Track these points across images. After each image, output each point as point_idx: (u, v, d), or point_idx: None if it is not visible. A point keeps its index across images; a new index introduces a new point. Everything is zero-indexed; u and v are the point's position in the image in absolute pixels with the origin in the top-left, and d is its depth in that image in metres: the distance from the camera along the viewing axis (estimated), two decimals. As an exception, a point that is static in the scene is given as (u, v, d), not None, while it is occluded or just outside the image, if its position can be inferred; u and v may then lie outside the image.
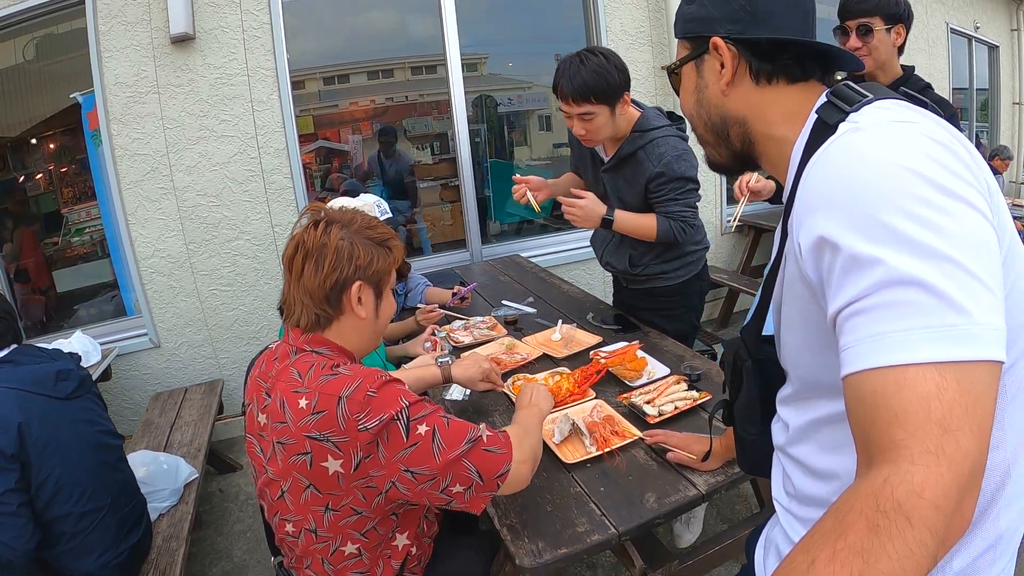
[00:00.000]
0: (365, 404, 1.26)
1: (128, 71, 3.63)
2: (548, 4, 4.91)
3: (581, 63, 2.23)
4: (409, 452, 1.28)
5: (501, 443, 1.40)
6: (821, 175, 0.77)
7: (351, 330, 1.47)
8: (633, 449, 1.82)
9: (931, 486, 0.58)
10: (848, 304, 0.69)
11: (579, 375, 2.12)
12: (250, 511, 3.35)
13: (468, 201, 4.61)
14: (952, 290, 0.63)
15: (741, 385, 1.12)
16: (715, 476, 1.68)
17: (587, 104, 2.25)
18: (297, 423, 1.28)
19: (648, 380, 2.15)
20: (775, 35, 0.92)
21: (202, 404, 3.60)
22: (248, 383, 1.55)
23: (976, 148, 0.80)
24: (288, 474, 1.34)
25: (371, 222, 1.49)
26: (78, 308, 4.31)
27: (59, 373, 2.00)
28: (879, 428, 0.63)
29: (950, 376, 0.62)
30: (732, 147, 1.02)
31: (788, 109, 0.94)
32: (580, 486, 1.70)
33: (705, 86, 1.01)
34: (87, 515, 1.95)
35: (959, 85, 8.00)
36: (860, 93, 0.84)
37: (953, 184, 0.69)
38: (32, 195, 4.24)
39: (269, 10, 3.81)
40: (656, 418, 1.90)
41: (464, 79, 4.45)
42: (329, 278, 1.39)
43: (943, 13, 7.38)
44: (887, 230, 0.67)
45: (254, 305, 4.08)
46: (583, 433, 1.85)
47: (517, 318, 2.83)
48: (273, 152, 3.94)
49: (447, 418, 1.36)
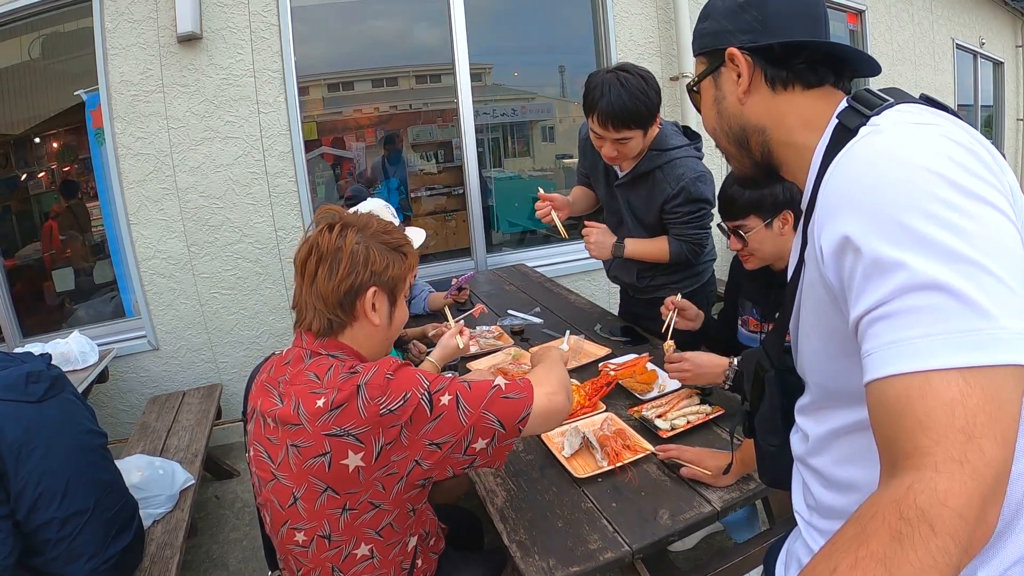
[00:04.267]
0: (385, 387, 1.24)
1: (133, 69, 3.60)
2: (556, 14, 4.90)
3: (622, 86, 2.11)
4: (434, 425, 1.26)
5: (520, 388, 1.37)
6: (842, 177, 0.77)
7: (364, 337, 1.43)
8: (645, 464, 1.78)
9: (955, 494, 0.57)
10: (871, 309, 0.68)
11: (589, 387, 2.08)
12: (247, 519, 3.29)
13: (474, 210, 4.59)
14: (975, 294, 0.63)
15: (762, 395, 1.12)
16: (730, 492, 1.63)
17: (626, 130, 2.18)
18: (315, 423, 1.24)
19: (659, 393, 2.11)
20: (786, 39, 0.94)
21: (200, 409, 3.55)
22: (253, 388, 1.50)
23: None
24: (303, 479, 1.29)
25: (387, 227, 1.46)
26: (77, 307, 4.25)
27: (29, 375, 1.94)
28: (903, 435, 0.63)
29: (974, 382, 0.61)
30: (753, 156, 1.03)
31: (806, 115, 0.95)
32: (591, 501, 1.65)
33: (723, 97, 1.03)
34: (71, 519, 1.89)
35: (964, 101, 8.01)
36: (881, 97, 0.84)
37: (975, 186, 0.68)
38: (35, 193, 4.20)
39: (277, 11, 3.79)
40: (668, 432, 1.86)
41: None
42: (343, 283, 1.36)
43: (949, 29, 7.42)
44: (909, 233, 0.67)
45: (255, 309, 4.04)
46: (594, 447, 1.80)
47: (524, 328, 2.79)
48: (278, 155, 3.91)
49: (467, 382, 1.34)
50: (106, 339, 3.84)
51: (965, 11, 7.70)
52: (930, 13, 7.12)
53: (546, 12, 4.90)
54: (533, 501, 1.68)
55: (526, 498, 1.70)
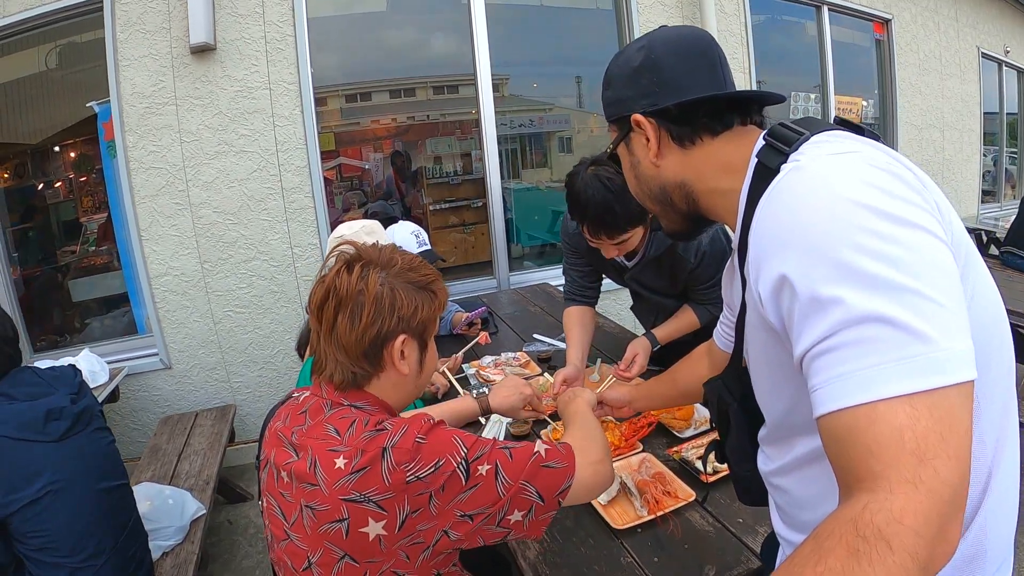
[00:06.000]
0: (414, 452, 1.11)
1: (145, 81, 3.53)
2: (577, 26, 4.84)
3: (606, 189, 1.93)
4: (468, 495, 1.13)
5: (561, 456, 1.25)
6: (770, 219, 0.77)
7: (391, 387, 1.30)
8: (688, 511, 1.65)
9: (911, 513, 0.58)
10: (813, 346, 0.69)
11: (627, 428, 1.96)
12: (260, 546, 3.18)
13: (496, 225, 4.49)
14: (912, 320, 0.63)
15: (728, 425, 1.13)
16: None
17: (623, 234, 2.03)
18: (332, 486, 1.12)
19: (695, 431, 1.99)
20: (682, 98, 0.94)
21: (212, 431, 3.45)
22: (267, 436, 1.38)
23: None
24: (318, 544, 1.16)
25: (412, 262, 1.32)
26: (89, 321, 4.21)
27: (48, 413, 1.80)
28: (855, 462, 0.64)
29: (921, 406, 0.62)
30: (679, 210, 1.04)
31: (723, 161, 0.95)
32: (631, 555, 1.53)
33: (638, 162, 1.04)
34: (84, 567, 1.79)
35: (989, 109, 7.88)
36: (796, 131, 0.84)
37: (900, 210, 0.69)
38: (52, 203, 4.19)
39: (293, 22, 3.71)
40: (711, 476, 1.73)
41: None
42: (368, 332, 1.21)
43: (974, 37, 7.32)
44: (841, 268, 0.67)
45: (270, 328, 3.94)
46: (633, 493, 1.68)
47: (551, 354, 2.66)
48: (294, 170, 3.82)
49: (507, 449, 1.21)
50: (117, 356, 3.77)
51: (990, 19, 7.59)
52: (955, 22, 7.01)
53: (566, 23, 4.84)
54: (568, 555, 1.56)
55: (560, 551, 1.57)
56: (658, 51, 0.97)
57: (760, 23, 5.29)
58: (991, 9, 7.59)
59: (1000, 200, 8.33)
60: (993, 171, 8.32)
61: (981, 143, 7.58)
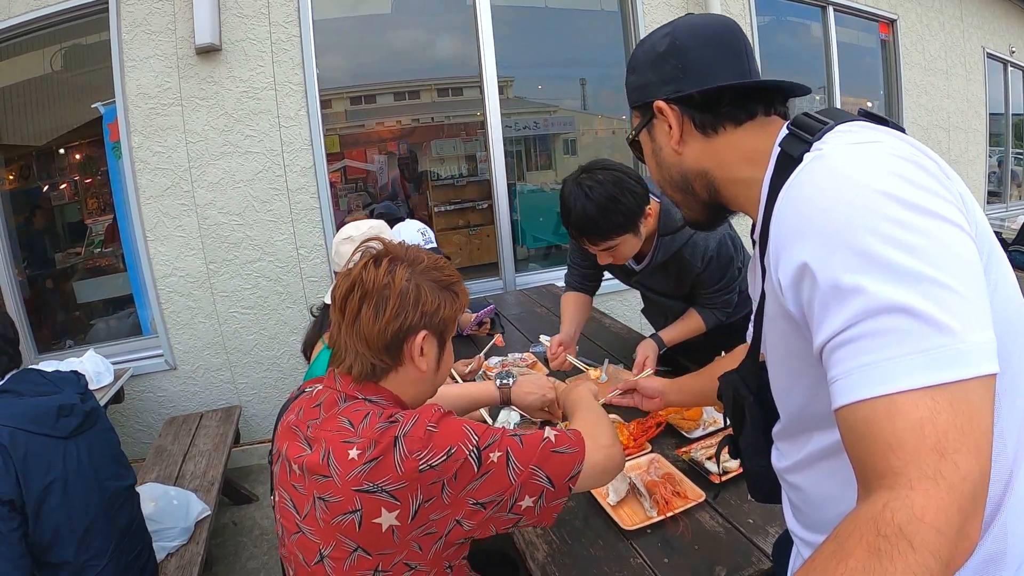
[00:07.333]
0: (426, 440, 1.12)
1: (151, 82, 3.53)
2: (582, 27, 4.83)
3: (587, 197, 1.97)
4: (480, 483, 1.14)
5: (571, 441, 1.26)
6: (792, 207, 0.76)
7: (408, 383, 1.31)
8: (698, 512, 1.64)
9: (932, 510, 0.57)
10: (833, 335, 0.68)
11: (635, 428, 1.94)
12: (264, 547, 3.18)
13: (502, 226, 4.47)
14: (935, 311, 0.62)
15: (743, 419, 1.12)
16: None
17: (608, 241, 2.05)
18: (345, 477, 1.12)
19: (703, 432, 1.97)
20: (705, 86, 0.94)
21: (218, 432, 3.44)
22: (280, 429, 1.38)
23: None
24: (331, 536, 1.17)
25: (438, 262, 1.34)
26: (95, 322, 4.21)
27: (61, 409, 1.82)
28: (874, 457, 0.63)
29: (942, 399, 0.60)
30: (701, 199, 1.03)
31: (746, 150, 0.95)
32: (641, 557, 1.51)
33: (660, 149, 1.03)
34: (87, 566, 1.79)
35: (995, 110, 7.86)
36: (820, 120, 0.83)
37: (924, 200, 0.68)
38: (57, 204, 4.21)
39: (299, 23, 3.71)
40: (720, 477, 1.72)
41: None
42: (391, 325, 1.23)
43: (980, 38, 7.29)
44: (863, 256, 0.66)
45: (275, 330, 3.94)
46: (642, 494, 1.67)
47: (557, 355, 2.64)
48: (300, 170, 3.81)
49: (518, 436, 1.22)
50: (122, 357, 3.77)
51: (995, 19, 7.56)
52: (961, 22, 6.98)
53: (571, 25, 4.84)
54: (578, 556, 1.54)
55: (570, 552, 1.56)
56: (683, 37, 0.96)
57: (765, 24, 5.28)
58: (997, 9, 7.57)
59: (1006, 201, 8.30)
60: (999, 172, 8.30)
61: (987, 144, 7.55)
